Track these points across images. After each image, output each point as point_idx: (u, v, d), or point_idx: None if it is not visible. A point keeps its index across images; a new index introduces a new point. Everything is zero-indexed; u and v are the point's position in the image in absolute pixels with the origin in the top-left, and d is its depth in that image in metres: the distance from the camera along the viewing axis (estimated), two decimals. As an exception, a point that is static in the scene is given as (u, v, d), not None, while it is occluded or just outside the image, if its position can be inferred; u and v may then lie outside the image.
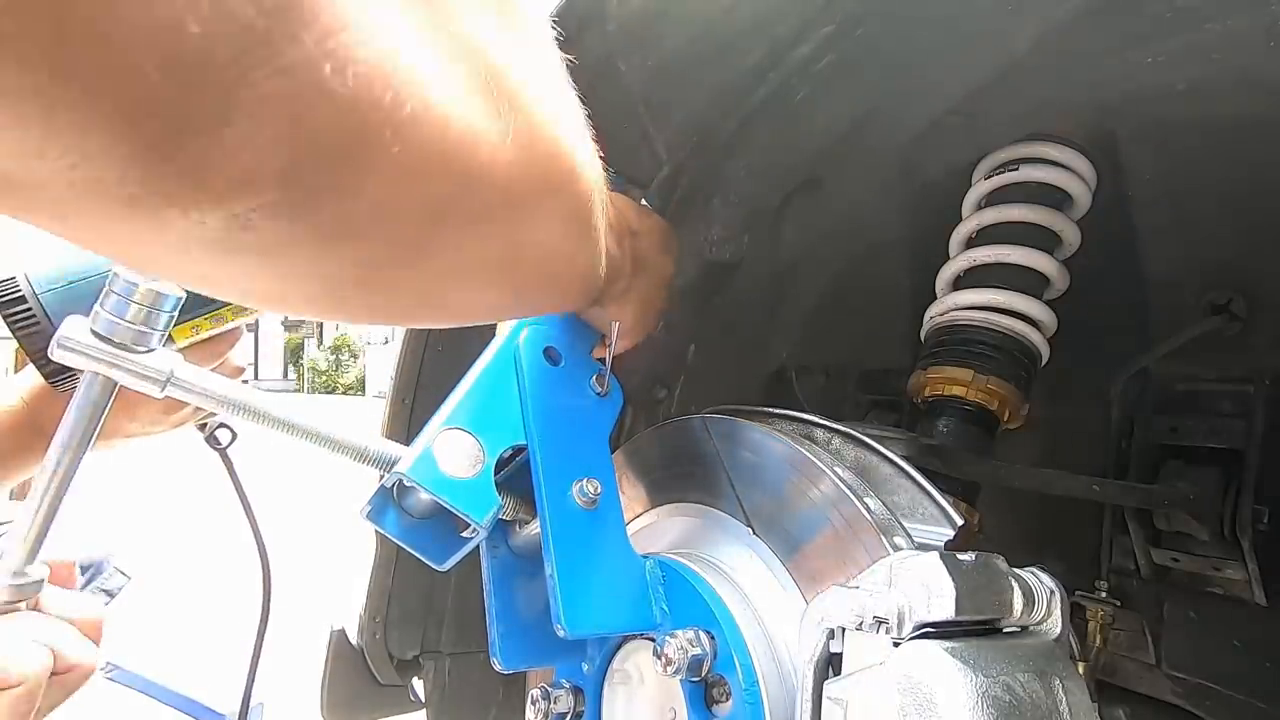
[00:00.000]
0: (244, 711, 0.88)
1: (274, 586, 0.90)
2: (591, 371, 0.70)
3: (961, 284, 1.00)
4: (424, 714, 1.16)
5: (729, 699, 0.62)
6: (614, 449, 0.74)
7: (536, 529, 0.63)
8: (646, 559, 0.68)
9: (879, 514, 0.60)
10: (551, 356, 0.68)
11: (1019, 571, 0.56)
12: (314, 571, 3.95)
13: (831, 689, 0.52)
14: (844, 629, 0.52)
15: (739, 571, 0.67)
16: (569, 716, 0.72)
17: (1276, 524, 0.92)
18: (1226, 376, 1.00)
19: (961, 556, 0.52)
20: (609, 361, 0.70)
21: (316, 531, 5.41)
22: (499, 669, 0.68)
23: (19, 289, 0.69)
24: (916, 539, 0.60)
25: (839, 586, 0.53)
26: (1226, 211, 0.94)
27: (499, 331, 0.69)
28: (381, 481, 0.60)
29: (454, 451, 0.59)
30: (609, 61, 0.76)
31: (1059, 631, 0.56)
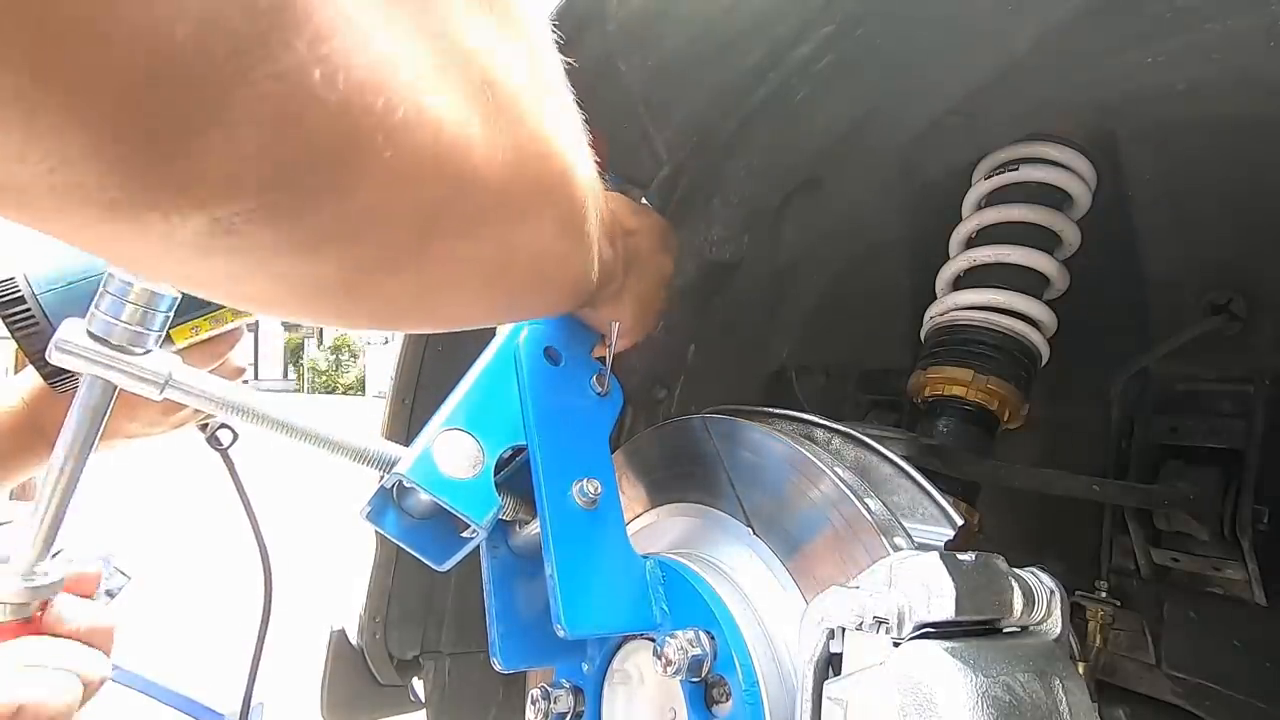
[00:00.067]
0: (245, 711, 0.88)
1: (274, 587, 0.90)
2: (591, 371, 0.70)
3: (961, 284, 1.00)
4: (424, 714, 1.16)
5: (729, 699, 0.62)
6: (614, 449, 0.74)
7: (536, 529, 0.63)
8: (646, 559, 0.68)
9: (879, 514, 0.60)
10: (551, 356, 0.68)
11: (1019, 571, 0.55)
12: (315, 572, 3.95)
13: (831, 689, 0.52)
14: (844, 629, 0.52)
15: (739, 572, 0.67)
16: (569, 716, 0.71)
17: (1276, 524, 0.92)
18: (1226, 376, 1.00)
19: (961, 556, 0.52)
20: (609, 361, 0.70)
21: (317, 532, 5.41)
22: (499, 669, 0.68)
23: (18, 290, 0.68)
24: (916, 539, 0.60)
25: (839, 586, 0.53)
26: (1226, 211, 0.94)
27: (499, 332, 0.69)
28: (381, 482, 0.60)
29: (453, 452, 0.59)
30: (609, 61, 0.76)
31: (1059, 631, 0.56)
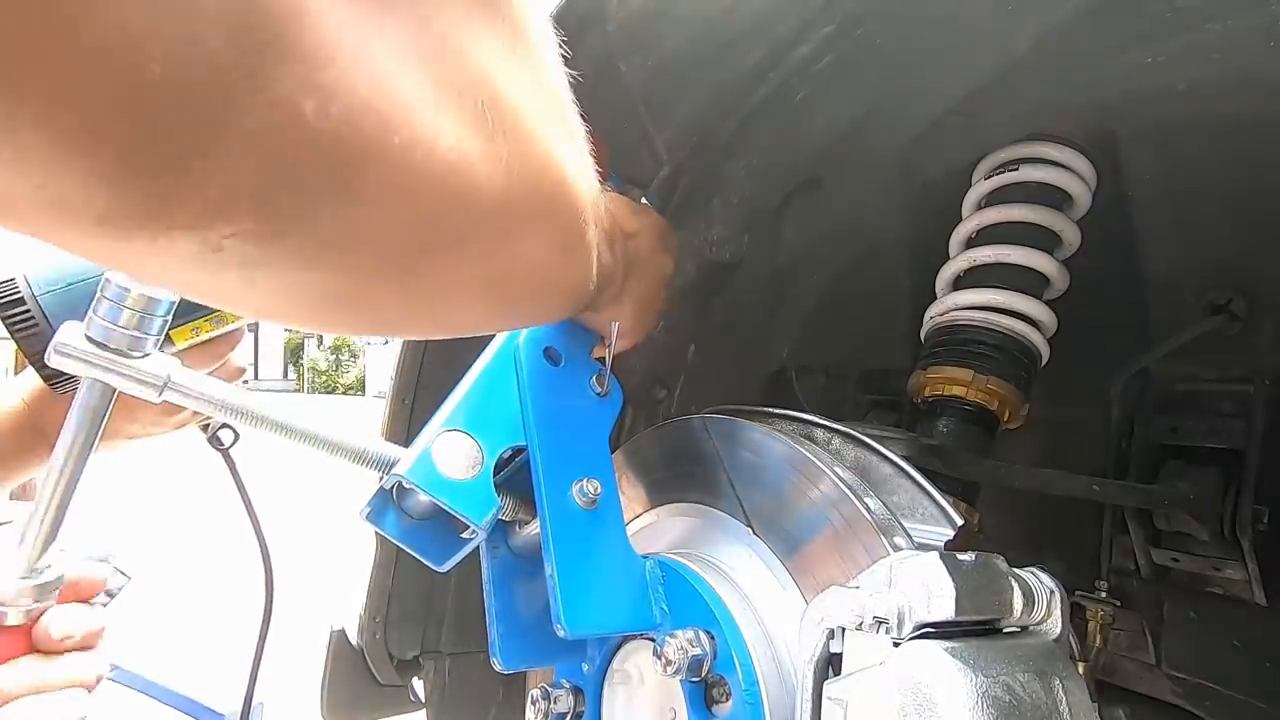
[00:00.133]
0: (246, 711, 0.88)
1: (275, 586, 0.89)
2: (591, 372, 0.70)
3: (961, 284, 1.00)
4: (424, 714, 1.16)
5: (729, 699, 0.62)
6: (614, 449, 0.74)
7: (536, 529, 0.63)
8: (646, 559, 0.68)
9: (879, 514, 0.60)
10: (551, 357, 0.68)
11: (1019, 571, 0.55)
12: (315, 572, 3.95)
13: (831, 689, 0.52)
14: (844, 629, 0.52)
15: (739, 571, 0.67)
16: (569, 717, 0.71)
17: (1276, 524, 0.92)
18: (1226, 376, 1.00)
19: (961, 556, 0.52)
20: (608, 362, 0.70)
21: (318, 531, 5.41)
22: (499, 669, 0.68)
23: (18, 291, 0.68)
24: (916, 539, 0.60)
25: (839, 586, 0.53)
26: (1226, 211, 0.94)
27: (498, 333, 0.69)
28: (381, 483, 0.59)
29: (453, 453, 0.59)
30: (609, 61, 0.76)
31: (1059, 631, 0.56)
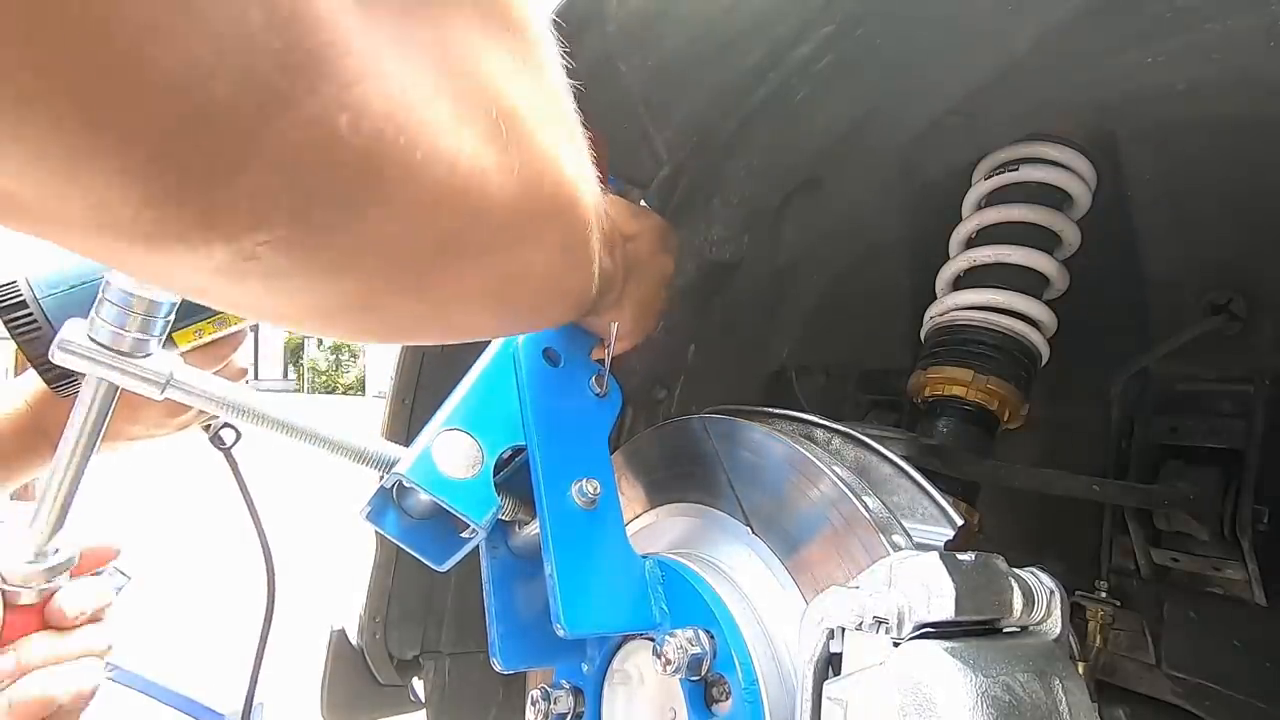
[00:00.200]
0: (248, 710, 0.88)
1: (276, 586, 0.89)
2: (590, 372, 0.70)
3: (961, 284, 1.00)
4: (424, 714, 1.16)
5: (729, 698, 0.62)
6: (614, 449, 0.74)
7: (536, 529, 0.63)
8: (646, 559, 0.68)
9: (878, 513, 0.60)
10: (550, 358, 0.68)
11: (1019, 571, 0.55)
12: (316, 571, 3.95)
13: (831, 689, 0.52)
14: (844, 629, 0.52)
15: (738, 571, 0.67)
16: (569, 717, 0.71)
17: (1276, 524, 0.92)
18: (1226, 376, 1.00)
19: (961, 556, 0.52)
20: (608, 362, 0.70)
21: (319, 531, 5.41)
22: (499, 669, 0.68)
23: (20, 294, 0.68)
24: (916, 539, 0.60)
25: (839, 586, 0.53)
26: (1226, 211, 0.94)
27: (499, 332, 0.69)
28: (381, 482, 0.60)
29: (453, 452, 0.59)
30: (609, 61, 0.76)
31: (1059, 631, 0.56)
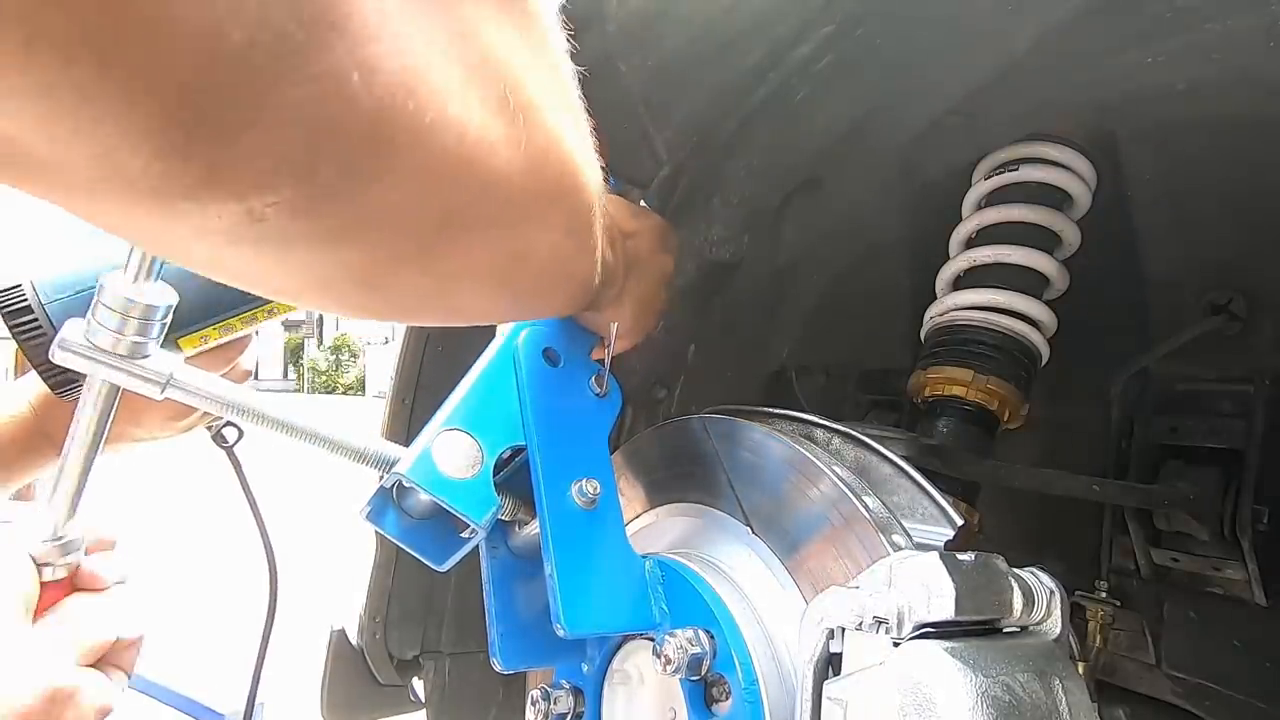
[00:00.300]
0: (249, 710, 0.88)
1: (279, 586, 0.89)
2: (590, 372, 0.70)
3: (961, 284, 1.00)
4: (424, 714, 1.16)
5: (729, 698, 0.62)
6: (614, 449, 0.74)
7: (536, 529, 0.63)
8: (646, 559, 0.68)
9: (878, 513, 0.60)
10: (550, 358, 0.68)
11: (1019, 571, 0.55)
12: (315, 571, 3.95)
13: (831, 689, 0.52)
14: (844, 629, 0.52)
15: (738, 571, 0.67)
16: (569, 717, 0.71)
17: (1276, 524, 0.92)
18: (1226, 376, 1.00)
19: (961, 556, 0.52)
20: (608, 362, 0.70)
21: (318, 531, 5.41)
22: (499, 669, 0.68)
23: (24, 299, 0.67)
24: (916, 539, 0.60)
25: (838, 586, 0.53)
26: (1226, 211, 0.94)
27: (498, 333, 0.69)
28: (381, 482, 0.60)
29: (453, 452, 0.59)
30: (609, 61, 0.76)
31: (1059, 631, 0.56)
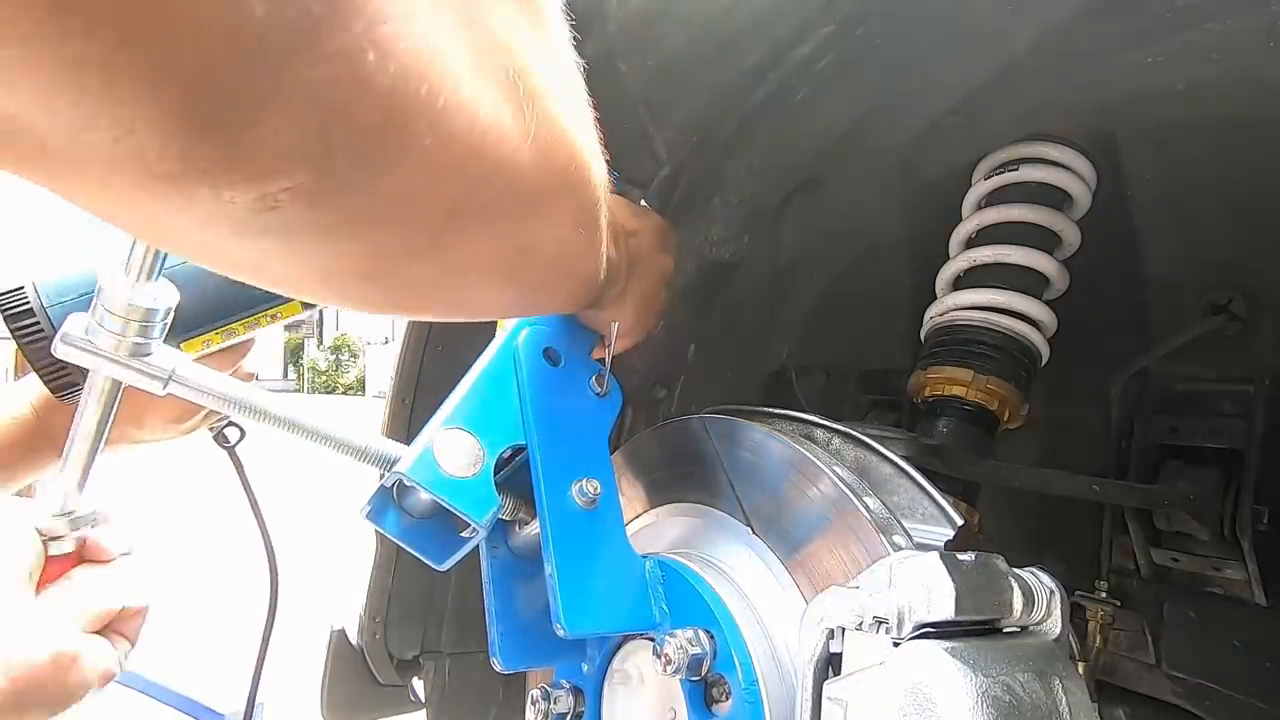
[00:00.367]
0: (250, 710, 0.88)
1: (279, 586, 0.89)
2: (591, 372, 0.70)
3: (961, 284, 1.00)
4: (424, 714, 1.16)
5: (729, 698, 0.62)
6: (614, 449, 0.74)
7: (536, 529, 0.63)
8: (646, 559, 0.68)
9: (878, 513, 0.60)
10: (551, 357, 0.68)
11: (1019, 571, 0.55)
12: (316, 571, 3.95)
13: (831, 689, 0.52)
14: (844, 629, 0.52)
15: (738, 571, 0.67)
16: (569, 717, 0.71)
17: (1276, 524, 0.92)
18: (1226, 376, 1.00)
19: (961, 556, 0.52)
20: (608, 362, 0.70)
21: (319, 530, 5.41)
22: (499, 669, 0.68)
23: (27, 302, 0.67)
24: (916, 539, 0.60)
25: (839, 586, 0.53)
26: (1226, 211, 0.94)
27: (498, 332, 0.69)
28: (382, 481, 0.59)
29: (454, 451, 0.59)
30: (609, 61, 0.76)
31: (1059, 631, 0.56)
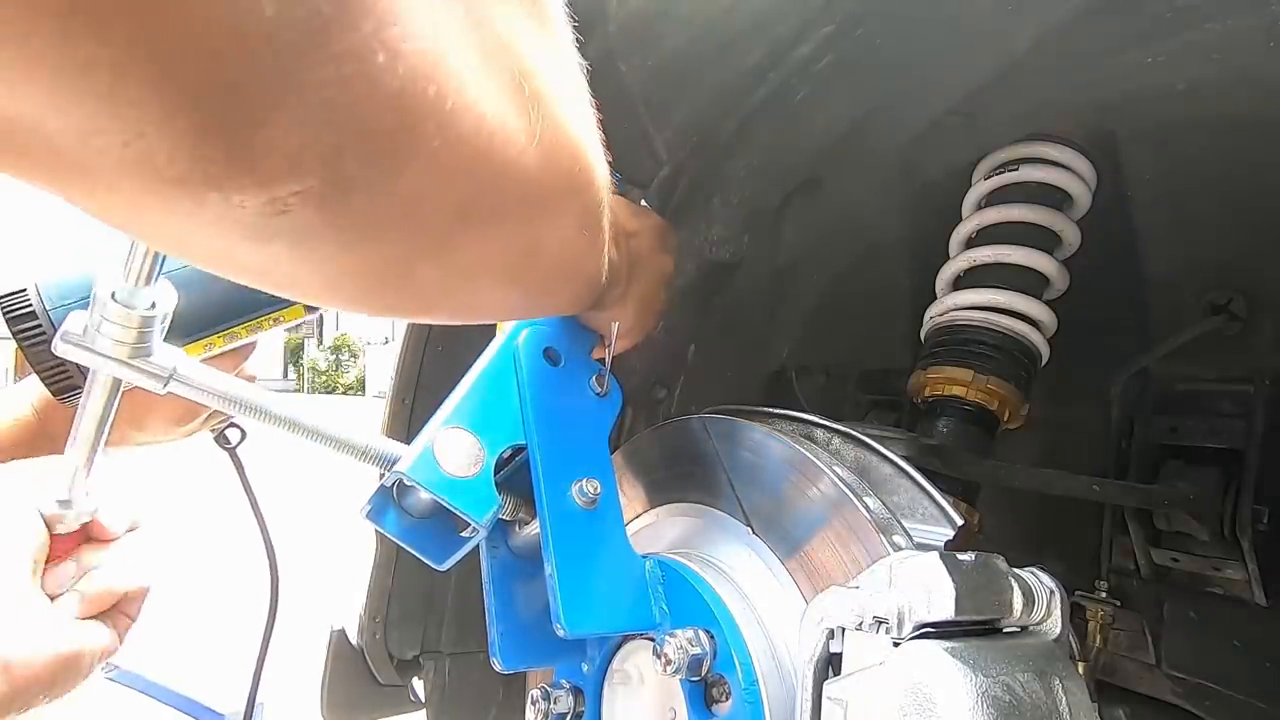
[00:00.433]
0: (250, 710, 0.88)
1: (280, 585, 0.89)
2: (591, 372, 0.70)
3: (961, 284, 1.00)
4: (424, 714, 1.16)
5: (729, 698, 0.62)
6: (614, 449, 0.74)
7: (536, 529, 0.63)
8: (646, 559, 0.68)
9: (878, 513, 0.60)
10: (551, 357, 0.68)
11: (1019, 571, 0.55)
12: (316, 571, 3.95)
13: (831, 689, 0.52)
14: (844, 629, 0.52)
15: (738, 571, 0.67)
16: (569, 717, 0.71)
17: (1276, 524, 0.92)
18: (1226, 376, 1.00)
19: (961, 556, 0.52)
20: (608, 362, 0.70)
21: (320, 530, 5.41)
22: (499, 669, 0.68)
23: (29, 304, 0.67)
24: (916, 539, 0.60)
25: (839, 586, 0.53)
26: (1226, 211, 0.94)
27: (498, 332, 0.69)
28: (382, 481, 0.59)
29: (454, 451, 0.59)
30: (609, 61, 0.77)
31: (1059, 631, 0.56)
